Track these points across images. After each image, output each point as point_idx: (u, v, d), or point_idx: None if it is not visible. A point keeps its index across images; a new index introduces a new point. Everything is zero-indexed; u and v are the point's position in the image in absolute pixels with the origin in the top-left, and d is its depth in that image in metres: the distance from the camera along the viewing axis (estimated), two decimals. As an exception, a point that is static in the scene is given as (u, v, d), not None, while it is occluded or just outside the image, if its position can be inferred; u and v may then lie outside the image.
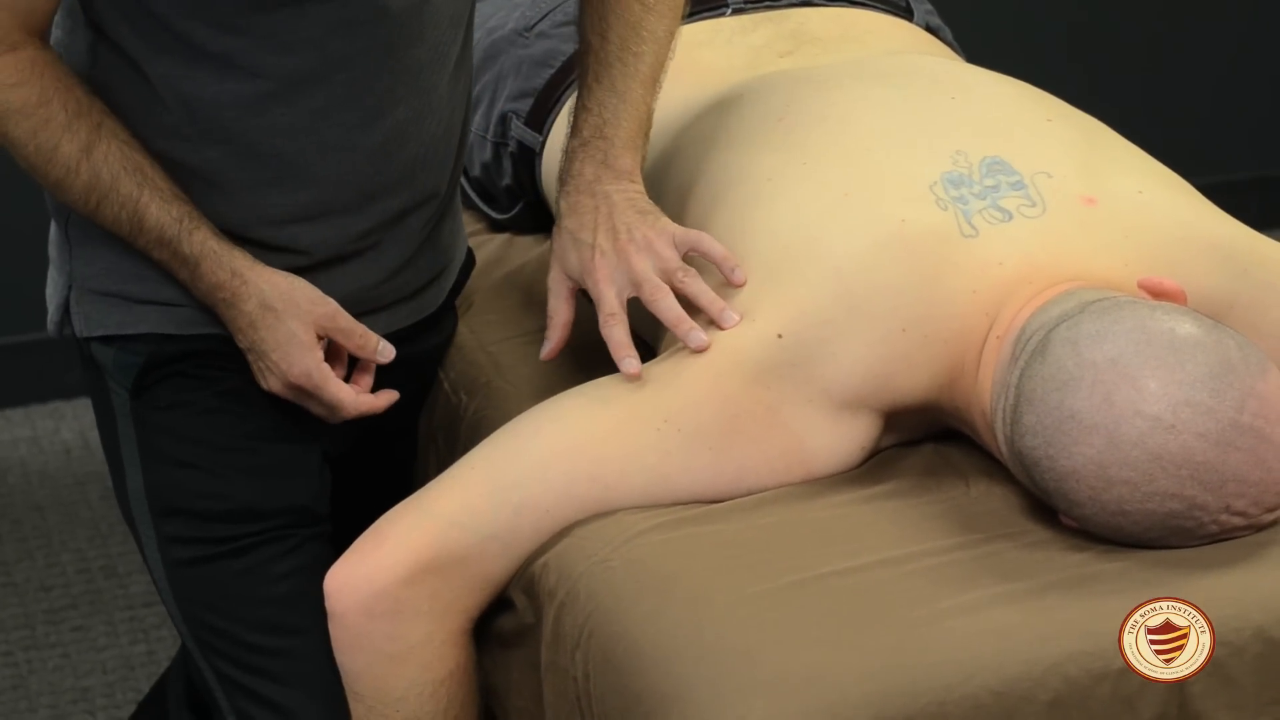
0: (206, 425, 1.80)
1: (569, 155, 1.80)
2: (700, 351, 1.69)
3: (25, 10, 1.64)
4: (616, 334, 1.72)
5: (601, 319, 1.73)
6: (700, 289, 1.72)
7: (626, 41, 1.80)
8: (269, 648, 1.79)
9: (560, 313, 1.79)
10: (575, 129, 1.80)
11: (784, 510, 1.68)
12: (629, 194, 1.77)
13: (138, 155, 1.69)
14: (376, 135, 1.74)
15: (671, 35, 1.83)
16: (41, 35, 1.67)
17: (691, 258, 1.76)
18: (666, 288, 1.73)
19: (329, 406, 1.76)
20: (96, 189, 1.69)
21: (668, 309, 1.72)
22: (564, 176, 1.80)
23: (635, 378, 1.70)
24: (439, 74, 1.77)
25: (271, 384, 1.76)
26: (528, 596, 1.69)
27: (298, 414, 1.81)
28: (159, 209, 1.70)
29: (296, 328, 1.74)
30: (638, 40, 1.80)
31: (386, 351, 1.79)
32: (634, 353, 1.71)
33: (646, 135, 1.81)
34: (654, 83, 1.81)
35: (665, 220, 1.76)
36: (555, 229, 1.81)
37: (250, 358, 1.76)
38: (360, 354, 1.78)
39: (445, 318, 1.97)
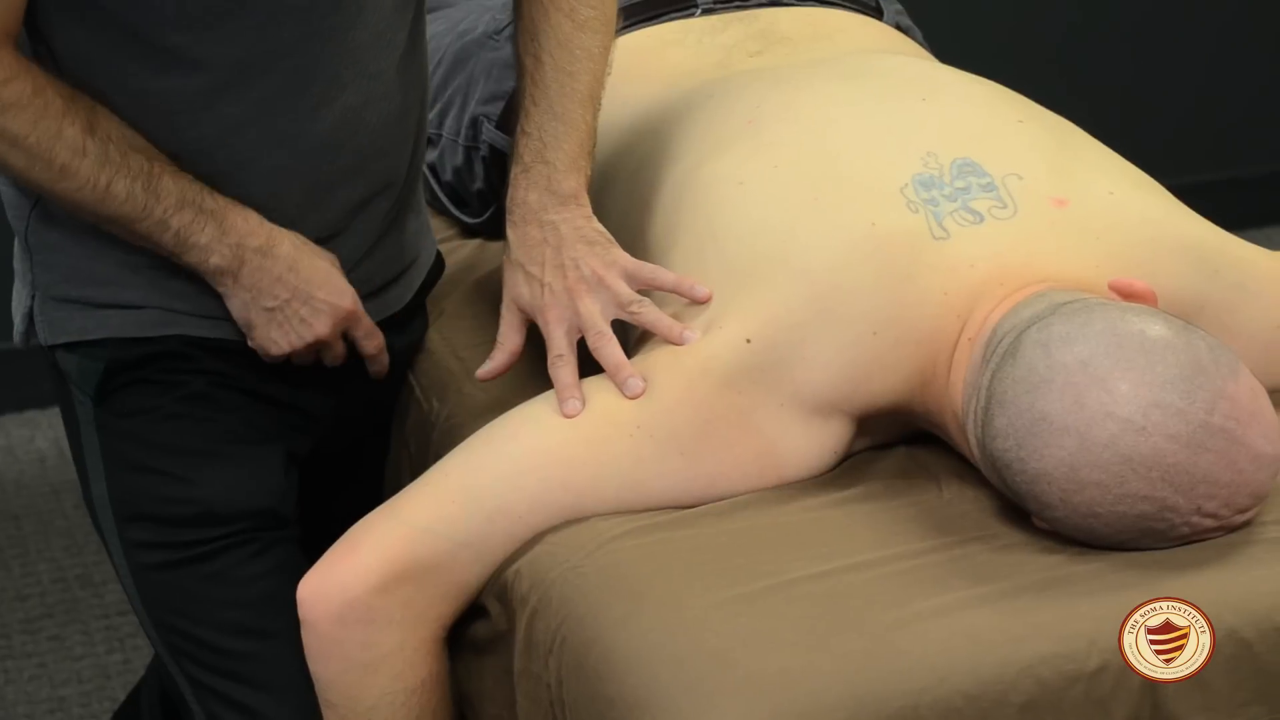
0: (169, 430, 1.79)
1: (513, 183, 1.79)
2: (635, 397, 1.69)
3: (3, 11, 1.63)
4: (563, 375, 1.72)
5: (550, 359, 1.74)
6: (655, 317, 1.73)
7: (560, 61, 1.80)
8: (238, 651, 1.79)
9: (510, 340, 1.79)
10: (517, 155, 1.80)
11: (757, 515, 1.68)
12: (575, 222, 1.77)
13: (133, 131, 1.69)
14: (325, 123, 1.74)
15: (607, 50, 1.82)
16: (15, 40, 1.66)
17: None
18: (609, 335, 1.73)
19: (366, 332, 1.79)
20: (107, 165, 1.67)
21: (609, 356, 1.72)
22: (509, 205, 1.79)
23: (572, 417, 1.70)
24: (385, 58, 1.77)
25: (319, 327, 1.76)
26: (500, 603, 1.68)
27: (261, 417, 1.81)
28: (172, 175, 1.70)
29: (329, 264, 1.76)
30: (571, 59, 1.80)
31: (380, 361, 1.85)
32: (579, 394, 1.71)
33: (590, 154, 1.80)
34: (592, 100, 1.81)
35: (615, 251, 1.77)
36: (505, 258, 1.80)
37: (278, 318, 1.75)
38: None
39: (414, 319, 1.97)
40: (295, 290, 1.74)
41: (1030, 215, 1.73)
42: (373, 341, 1.82)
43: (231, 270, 1.73)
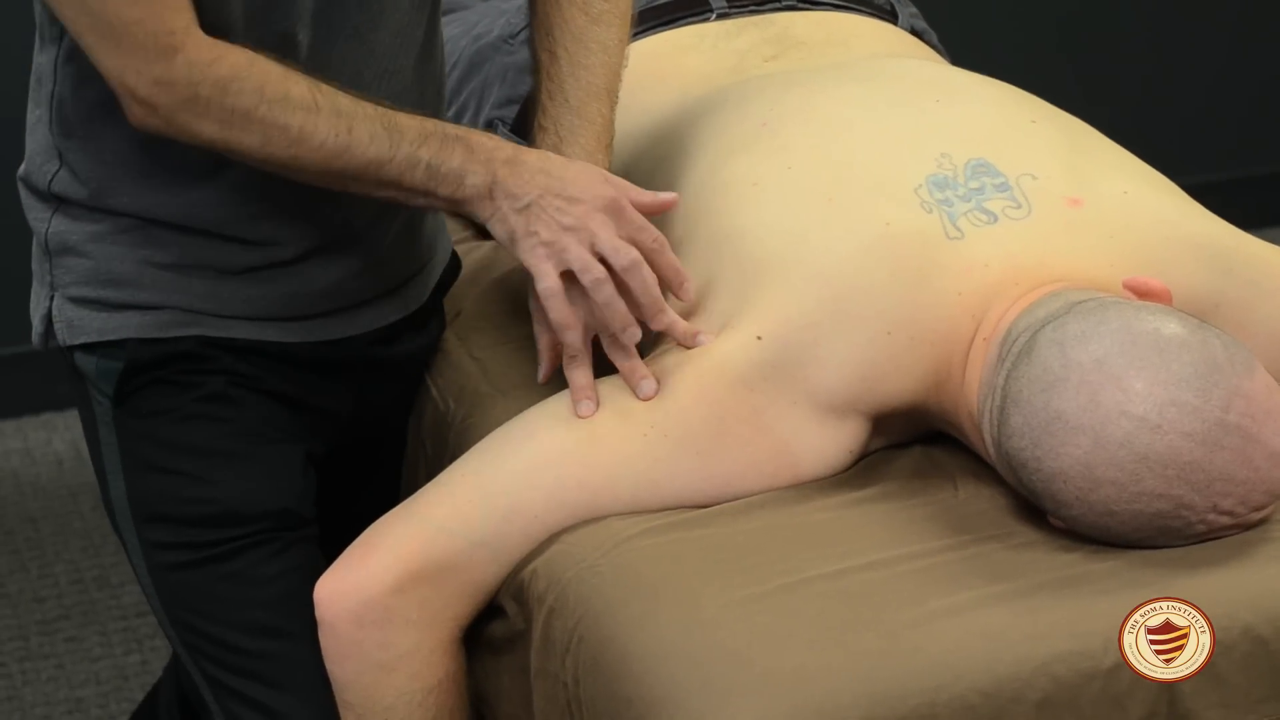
0: (188, 431, 1.80)
1: None
2: (648, 399, 1.69)
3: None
4: (578, 377, 1.72)
5: (565, 360, 1.74)
6: (670, 320, 1.73)
7: (575, 55, 1.80)
8: (257, 651, 1.80)
9: (544, 338, 1.79)
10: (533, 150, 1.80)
11: (772, 514, 1.68)
12: None
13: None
14: None
15: (622, 44, 1.82)
16: (198, 22, 1.62)
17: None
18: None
19: (637, 226, 1.70)
20: (344, 115, 1.65)
21: (623, 357, 1.72)
22: None
23: (587, 418, 1.70)
24: (404, 56, 1.77)
25: (578, 211, 1.69)
26: (517, 603, 1.69)
27: (280, 417, 1.81)
28: (403, 114, 1.68)
29: (585, 166, 1.72)
30: (586, 53, 1.80)
31: (668, 196, 1.75)
32: (594, 395, 1.71)
33: (607, 148, 1.80)
34: (609, 94, 1.80)
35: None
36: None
37: (535, 211, 1.69)
38: (646, 203, 1.73)
39: (431, 319, 1.97)
40: (548, 186, 1.69)
41: (1045, 215, 1.73)
42: (649, 235, 1.71)
43: (488, 186, 1.69)
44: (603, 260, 1.70)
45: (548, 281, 1.71)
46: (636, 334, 1.71)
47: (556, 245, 1.70)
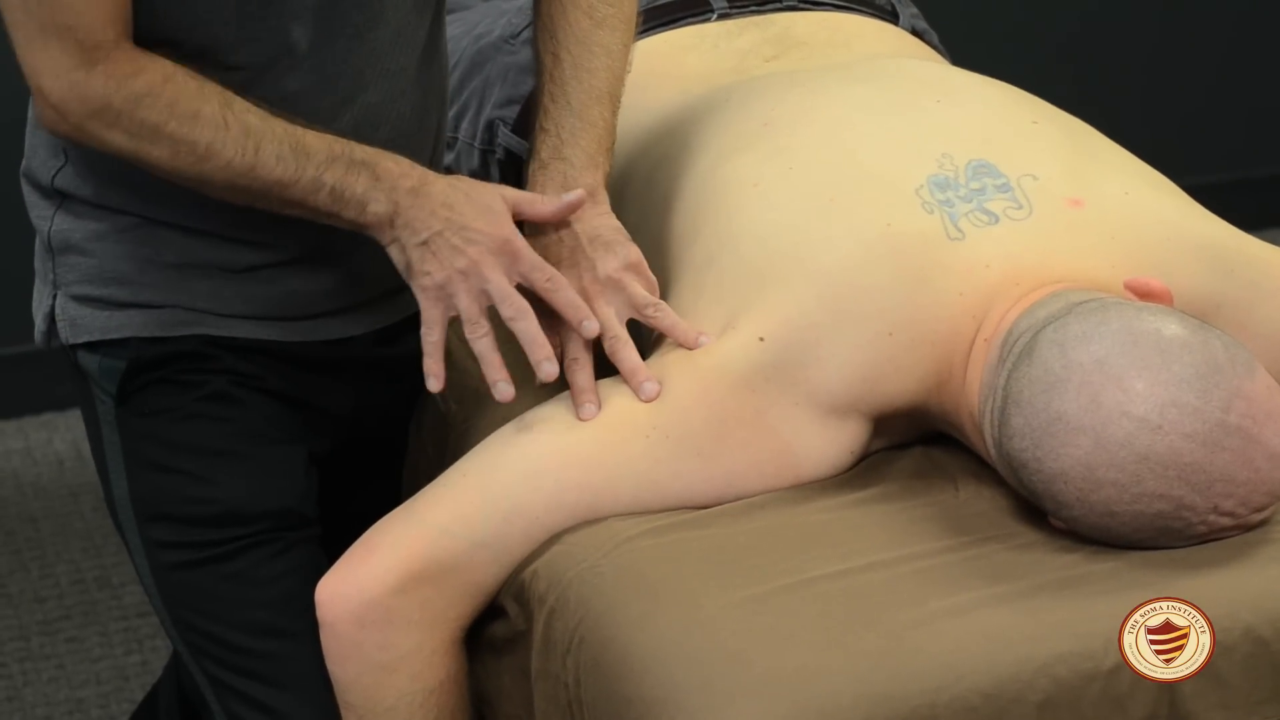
0: (190, 430, 1.80)
1: (530, 180, 1.79)
2: (650, 401, 1.70)
3: (117, 6, 1.62)
4: (579, 378, 1.73)
5: (566, 361, 1.74)
6: (671, 321, 1.73)
7: (579, 59, 1.80)
8: (259, 650, 1.80)
9: (549, 338, 1.79)
10: (534, 152, 1.80)
11: (773, 514, 1.68)
12: (591, 221, 1.77)
13: (262, 104, 1.68)
14: (346, 120, 1.74)
15: (626, 48, 1.83)
16: (129, 35, 1.64)
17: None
18: (625, 338, 1.73)
19: (530, 266, 1.71)
20: (252, 134, 1.66)
21: (625, 360, 1.72)
22: None
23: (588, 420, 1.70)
24: (405, 57, 1.78)
25: (472, 252, 1.70)
26: (518, 604, 1.69)
27: (282, 416, 1.81)
28: (314, 135, 1.68)
29: (492, 200, 1.72)
30: (589, 56, 1.80)
31: (573, 196, 1.75)
32: (595, 397, 1.71)
33: (608, 151, 1.81)
34: (611, 98, 1.81)
35: (631, 249, 1.77)
36: None
37: (432, 248, 1.70)
38: (551, 212, 1.74)
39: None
40: (448, 221, 1.70)
41: (1046, 216, 1.73)
42: (543, 275, 1.72)
43: (389, 215, 1.70)
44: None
45: (433, 331, 1.73)
46: (550, 370, 1.71)
47: (446, 289, 1.71)
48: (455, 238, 1.70)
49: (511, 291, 1.71)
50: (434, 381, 1.74)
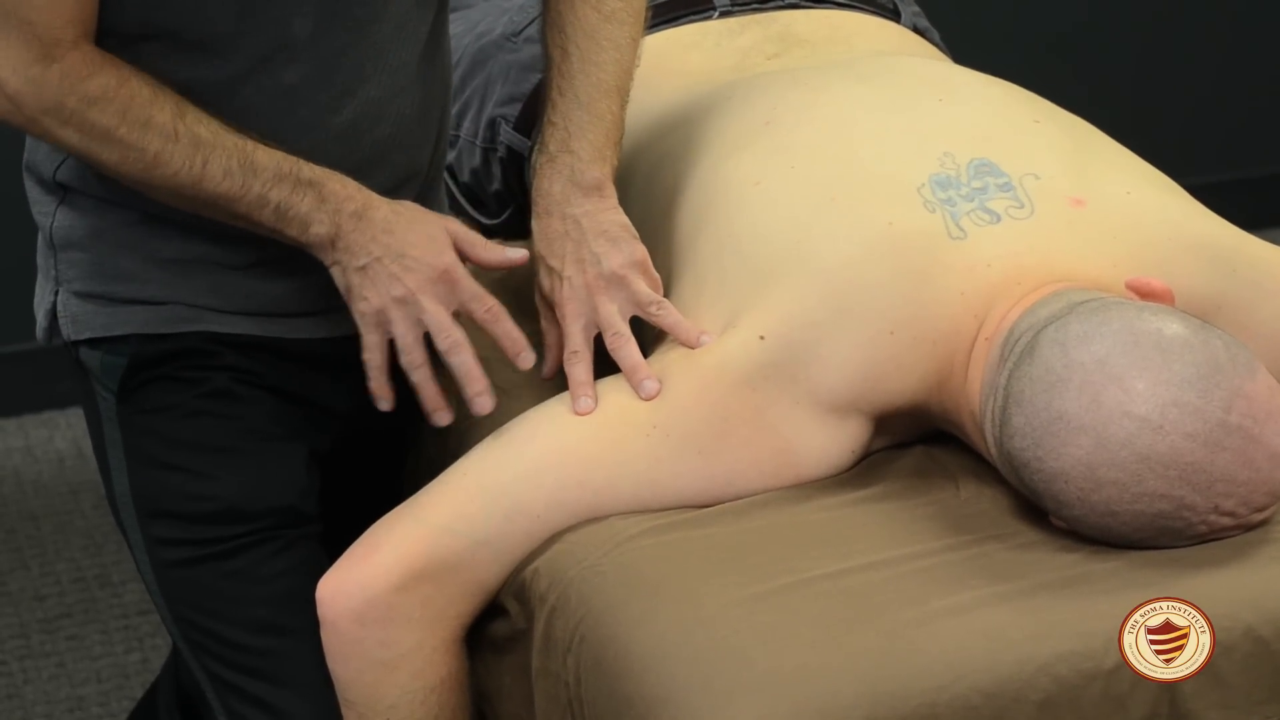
0: (192, 427, 1.80)
1: (538, 172, 1.80)
2: (650, 399, 1.70)
3: (81, 6, 1.63)
4: (578, 372, 1.73)
5: (566, 355, 1.74)
6: (674, 320, 1.74)
7: (587, 52, 1.80)
8: (260, 648, 1.80)
9: (551, 334, 1.80)
10: (542, 145, 1.80)
11: (774, 513, 1.68)
12: (597, 216, 1.77)
13: (218, 115, 1.69)
14: (346, 113, 1.74)
15: (635, 42, 1.83)
16: (90, 36, 1.65)
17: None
18: (627, 335, 1.73)
19: (470, 296, 1.72)
20: (202, 146, 1.67)
21: (626, 357, 1.73)
22: (534, 195, 1.80)
23: (584, 415, 1.71)
24: (407, 52, 1.78)
25: (409, 280, 1.70)
26: (519, 602, 1.69)
27: (284, 413, 1.81)
28: (265, 151, 1.69)
29: (434, 229, 1.72)
30: (598, 50, 1.80)
31: (516, 254, 1.76)
32: (592, 391, 1.71)
33: (616, 145, 1.81)
34: (619, 92, 1.81)
35: (637, 246, 1.77)
36: (531, 251, 1.81)
37: (370, 274, 1.70)
38: (492, 261, 1.76)
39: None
40: (387, 248, 1.71)
41: (1047, 215, 1.73)
42: (482, 305, 1.73)
43: (330, 237, 1.71)
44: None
45: (373, 356, 1.73)
46: (485, 404, 1.73)
47: (383, 316, 1.72)
48: (394, 264, 1.71)
49: (447, 322, 1.72)
50: (383, 403, 1.75)
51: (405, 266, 1.71)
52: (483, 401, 1.73)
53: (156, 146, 1.66)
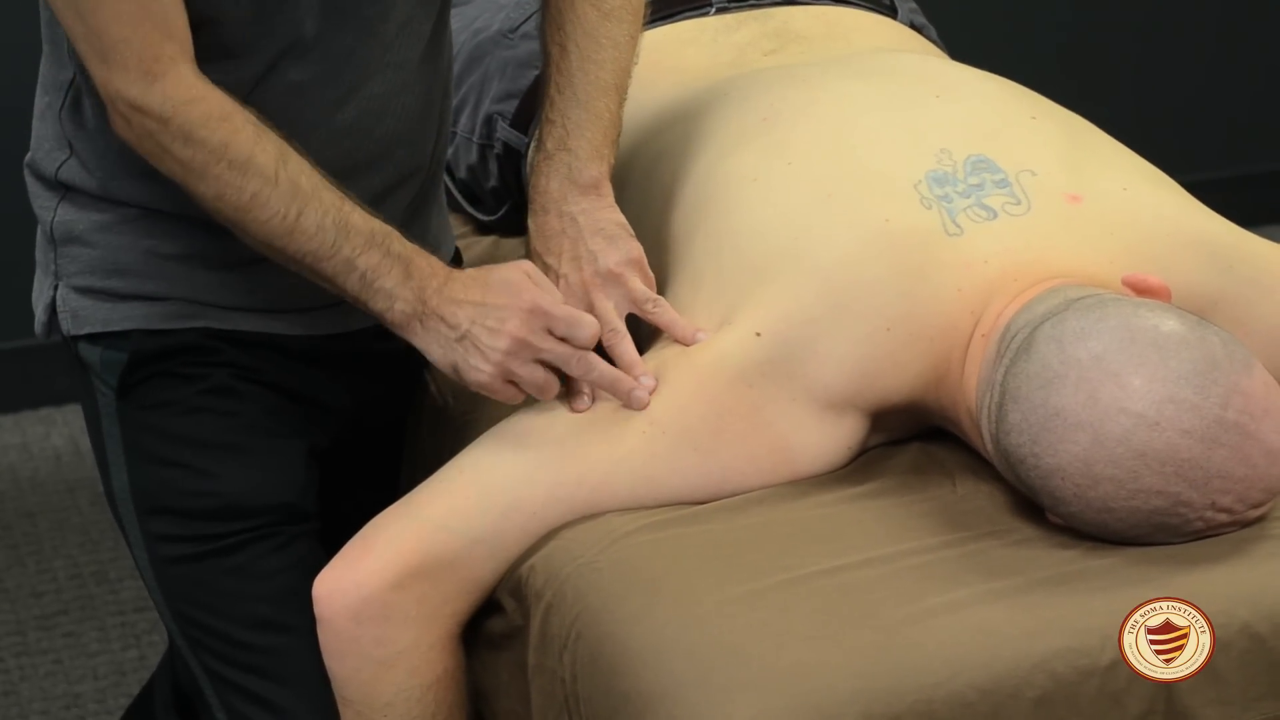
0: (191, 423, 1.80)
1: (535, 170, 1.80)
2: (640, 409, 1.69)
3: (169, 24, 1.62)
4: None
5: None
6: (670, 317, 1.74)
7: (586, 50, 1.80)
8: (259, 645, 1.80)
9: None
10: (540, 142, 1.80)
11: (771, 510, 1.68)
12: (594, 214, 1.77)
13: (318, 168, 1.67)
14: (352, 111, 1.74)
15: (634, 40, 1.82)
16: (190, 59, 1.64)
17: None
18: (623, 332, 1.73)
19: (568, 323, 1.67)
20: (298, 197, 1.65)
21: (622, 354, 1.72)
22: (531, 193, 1.80)
23: (580, 412, 1.70)
24: (410, 48, 1.78)
25: (508, 328, 1.66)
26: (515, 599, 1.69)
27: (283, 410, 1.81)
28: (360, 214, 1.67)
29: (508, 274, 1.68)
30: (597, 48, 1.80)
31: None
32: (589, 389, 1.71)
33: (614, 143, 1.80)
34: (617, 89, 1.81)
35: (633, 244, 1.77)
36: (526, 248, 1.81)
37: (470, 342, 1.67)
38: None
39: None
40: (474, 316, 1.68)
41: (1044, 211, 1.73)
42: (583, 330, 1.68)
43: (417, 315, 1.69)
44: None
45: (514, 402, 1.71)
46: (640, 398, 1.70)
47: (505, 373, 1.68)
48: (488, 322, 1.68)
49: (565, 350, 1.69)
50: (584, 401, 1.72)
51: (499, 319, 1.68)
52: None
53: (255, 187, 1.64)
